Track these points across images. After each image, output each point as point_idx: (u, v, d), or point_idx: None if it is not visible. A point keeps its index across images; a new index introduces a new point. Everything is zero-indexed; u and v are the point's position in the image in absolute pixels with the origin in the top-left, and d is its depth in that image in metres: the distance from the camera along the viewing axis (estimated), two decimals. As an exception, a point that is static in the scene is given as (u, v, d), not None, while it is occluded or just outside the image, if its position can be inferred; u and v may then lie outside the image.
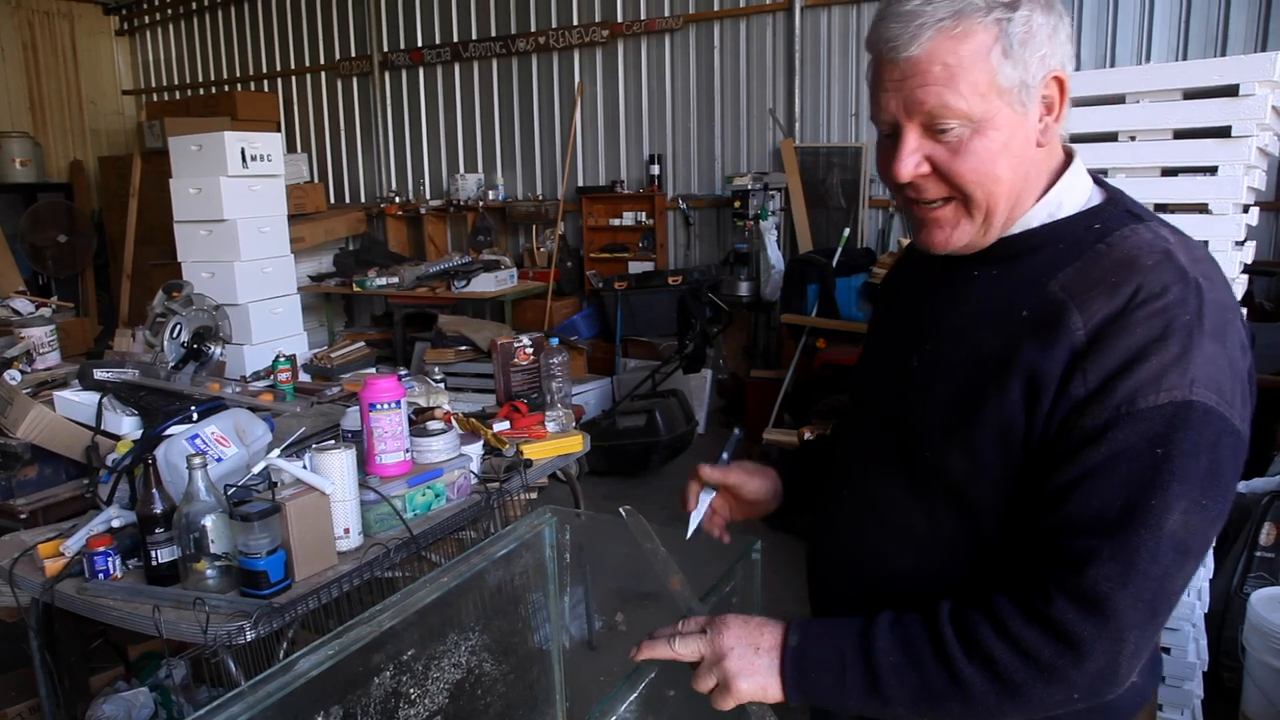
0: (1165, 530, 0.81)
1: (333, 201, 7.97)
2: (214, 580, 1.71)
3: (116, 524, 1.88)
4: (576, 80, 6.66)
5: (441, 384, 2.74)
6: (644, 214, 6.35)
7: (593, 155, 6.74)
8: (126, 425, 2.47)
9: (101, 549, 1.76)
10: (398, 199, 7.55)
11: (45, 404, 2.50)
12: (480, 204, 6.95)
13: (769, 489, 1.24)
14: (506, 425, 2.53)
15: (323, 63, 7.92)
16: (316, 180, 7.98)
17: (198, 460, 1.71)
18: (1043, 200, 0.94)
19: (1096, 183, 0.99)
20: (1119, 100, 2.21)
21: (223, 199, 4.98)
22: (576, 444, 2.56)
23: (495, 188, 7.04)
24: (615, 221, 6.46)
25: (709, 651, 0.96)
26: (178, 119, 7.13)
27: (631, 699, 1.12)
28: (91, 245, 7.85)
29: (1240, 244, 2.13)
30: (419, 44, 7.35)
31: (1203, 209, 2.11)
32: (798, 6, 5.71)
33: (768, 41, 5.91)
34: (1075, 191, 0.95)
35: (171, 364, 3.06)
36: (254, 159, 5.10)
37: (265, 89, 8.24)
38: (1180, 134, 2.14)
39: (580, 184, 6.73)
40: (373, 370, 4.56)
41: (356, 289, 6.62)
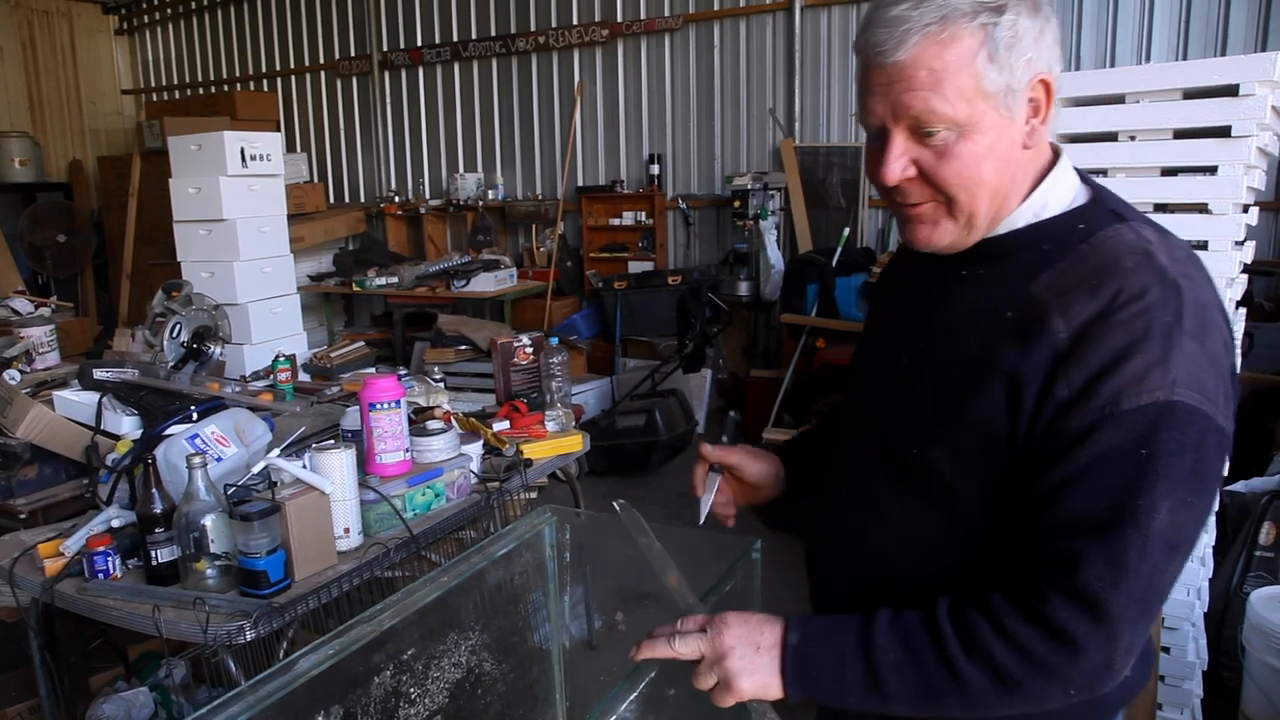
0: (1153, 529, 0.82)
1: (332, 201, 7.97)
2: (214, 580, 1.71)
3: (116, 524, 1.88)
4: (576, 80, 6.65)
5: (441, 384, 2.74)
6: (644, 214, 6.35)
7: (592, 155, 6.74)
8: (126, 425, 2.47)
9: (101, 549, 1.76)
10: (397, 198, 7.55)
11: (45, 404, 2.50)
12: (480, 204, 6.95)
13: (770, 474, 1.24)
14: (506, 425, 2.53)
15: (322, 62, 7.92)
16: (316, 180, 7.98)
17: (197, 460, 1.71)
18: (1028, 201, 0.95)
19: (1084, 180, 0.99)
20: (1119, 100, 2.21)
21: (222, 199, 4.99)
22: (576, 443, 2.56)
23: (495, 187, 7.04)
24: (615, 221, 6.46)
25: (709, 650, 0.96)
26: (177, 119, 7.12)
27: (631, 698, 1.12)
28: (91, 245, 7.85)
29: (1240, 244, 2.13)
30: (419, 43, 7.34)
31: (1203, 209, 2.11)
32: (798, 6, 5.71)
33: (768, 41, 5.91)
34: (1060, 191, 0.96)
35: (171, 364, 3.06)
36: (253, 159, 5.10)
37: (265, 89, 8.23)
38: (1180, 134, 2.13)
39: (580, 184, 6.73)
40: (372, 370, 4.56)
41: (356, 289, 6.62)
